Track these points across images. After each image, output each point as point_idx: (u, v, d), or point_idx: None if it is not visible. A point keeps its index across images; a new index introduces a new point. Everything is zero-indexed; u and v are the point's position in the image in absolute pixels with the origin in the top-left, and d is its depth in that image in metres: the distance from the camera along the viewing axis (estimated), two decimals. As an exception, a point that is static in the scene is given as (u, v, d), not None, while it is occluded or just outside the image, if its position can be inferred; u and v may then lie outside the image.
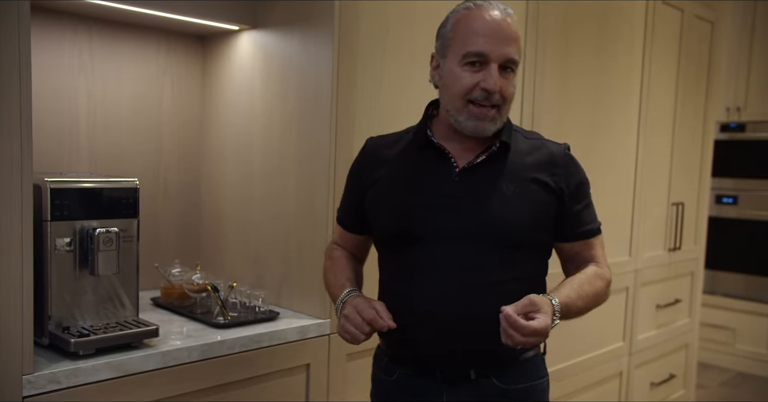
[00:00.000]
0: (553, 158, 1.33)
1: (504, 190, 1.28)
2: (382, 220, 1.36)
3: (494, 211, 1.27)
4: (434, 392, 1.32)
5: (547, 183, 1.31)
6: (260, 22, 1.90)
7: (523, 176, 1.30)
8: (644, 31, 2.79)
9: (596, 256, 1.40)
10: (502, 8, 1.28)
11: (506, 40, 1.24)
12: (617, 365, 2.87)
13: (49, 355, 1.37)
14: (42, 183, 1.38)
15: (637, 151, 2.84)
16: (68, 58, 1.82)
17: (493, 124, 1.28)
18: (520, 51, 1.29)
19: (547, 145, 1.36)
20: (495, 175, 1.29)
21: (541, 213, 1.31)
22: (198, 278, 1.77)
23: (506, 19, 1.27)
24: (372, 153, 1.42)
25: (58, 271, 1.40)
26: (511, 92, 1.28)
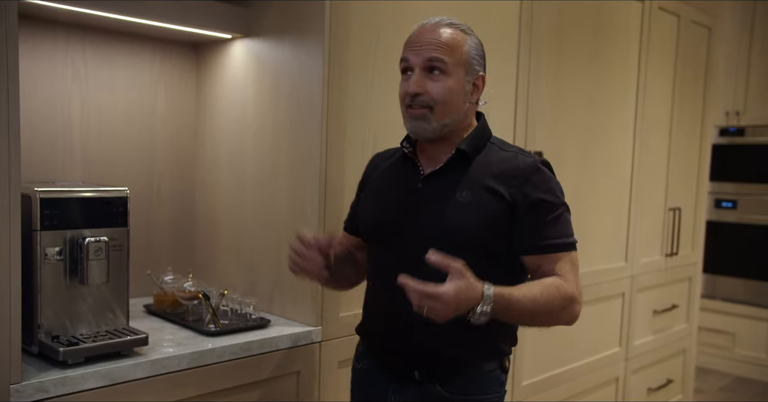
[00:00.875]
0: (516, 170, 1.34)
1: (456, 197, 1.33)
2: (361, 225, 1.51)
3: (443, 217, 1.33)
4: (384, 388, 1.42)
5: (500, 192, 1.32)
6: (253, 31, 1.91)
7: (478, 184, 1.34)
8: (640, 36, 2.80)
9: (560, 271, 1.31)
10: (438, 21, 1.35)
11: (428, 43, 1.32)
12: (613, 371, 2.87)
13: (38, 364, 1.37)
14: (32, 193, 1.39)
15: (633, 156, 2.84)
16: (62, 66, 1.83)
17: (427, 123, 1.33)
18: (457, 55, 1.32)
19: (519, 157, 1.37)
20: (453, 182, 1.36)
21: (490, 220, 1.31)
22: (190, 286, 1.77)
23: (436, 27, 1.34)
24: (373, 165, 1.57)
25: (48, 280, 1.41)
26: (437, 92, 1.32)
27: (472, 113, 1.42)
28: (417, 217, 1.36)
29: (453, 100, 1.33)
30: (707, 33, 3.27)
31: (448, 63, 1.31)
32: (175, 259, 2.06)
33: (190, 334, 1.65)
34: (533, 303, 1.24)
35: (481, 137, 1.41)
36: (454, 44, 1.32)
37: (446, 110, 1.33)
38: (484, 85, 1.40)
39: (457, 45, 1.33)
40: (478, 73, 1.37)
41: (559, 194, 1.37)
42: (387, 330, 1.41)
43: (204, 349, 1.53)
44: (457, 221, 1.32)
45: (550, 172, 1.38)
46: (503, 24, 2.19)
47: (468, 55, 1.34)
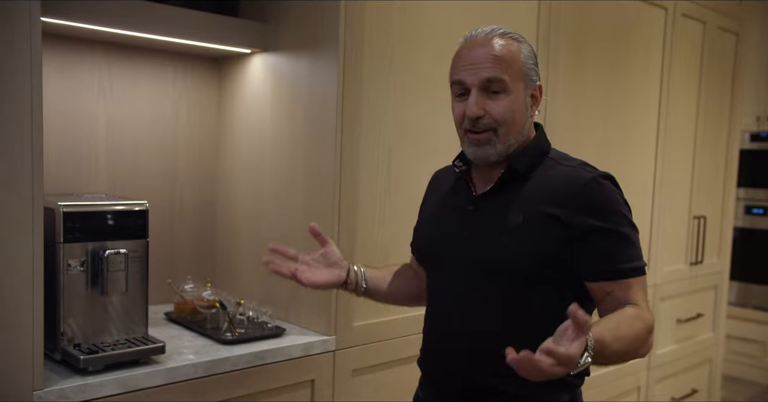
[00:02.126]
0: (574, 187, 1.22)
1: (507, 221, 1.24)
2: (415, 243, 1.46)
3: (493, 243, 1.25)
4: None
5: (555, 214, 1.21)
6: (271, 45, 1.96)
7: (534, 206, 1.23)
8: (663, 44, 2.78)
9: (633, 299, 1.20)
10: (490, 31, 1.26)
11: (482, 62, 1.23)
12: (635, 380, 2.85)
13: (61, 371, 1.43)
14: (55, 206, 1.45)
15: (655, 165, 2.82)
16: (88, 82, 1.90)
17: (492, 148, 1.25)
18: (514, 69, 1.24)
19: (577, 172, 1.24)
20: (504, 204, 1.26)
21: (542, 246, 1.21)
22: (208, 294, 1.83)
23: (486, 43, 1.24)
24: (431, 184, 1.53)
25: (70, 290, 1.47)
26: (500, 112, 1.23)
27: (531, 126, 1.32)
28: (468, 241, 1.28)
29: (517, 117, 1.25)
30: (734, 39, 3.22)
31: (508, 81, 1.22)
32: (196, 268, 2.12)
33: (207, 342, 1.70)
34: (621, 343, 1.11)
35: (536, 152, 1.29)
36: (510, 57, 1.23)
37: (510, 130, 1.25)
38: (541, 95, 1.30)
39: (513, 58, 1.23)
40: (536, 84, 1.28)
41: (625, 212, 1.24)
42: (441, 359, 1.32)
43: (219, 357, 1.58)
44: (509, 246, 1.23)
45: (614, 186, 1.25)
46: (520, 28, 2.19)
47: (525, 66, 1.25)
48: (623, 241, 1.22)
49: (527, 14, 2.21)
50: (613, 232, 1.21)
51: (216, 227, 2.18)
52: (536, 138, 1.32)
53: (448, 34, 1.98)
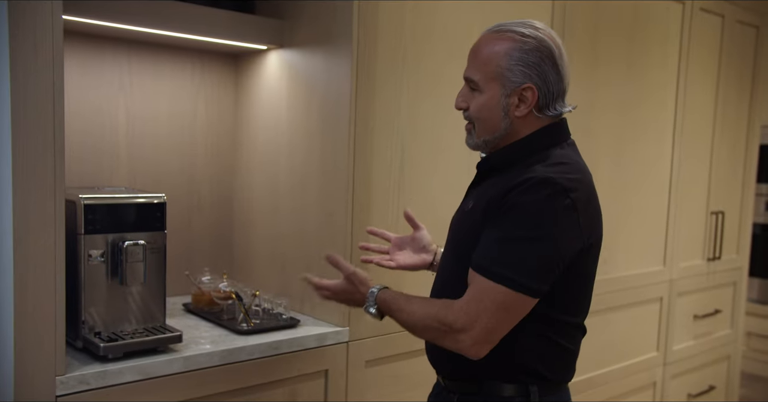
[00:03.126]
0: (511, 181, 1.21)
1: (466, 210, 1.34)
2: None
3: (455, 226, 1.39)
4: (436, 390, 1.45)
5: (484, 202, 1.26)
6: (287, 42, 1.99)
7: (485, 196, 1.27)
8: (680, 38, 2.76)
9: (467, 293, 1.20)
10: (492, 28, 1.29)
11: (470, 59, 1.31)
12: (651, 375, 2.85)
13: (82, 358, 1.48)
14: (76, 199, 1.50)
15: (672, 160, 2.81)
16: (109, 78, 1.95)
17: (470, 138, 1.34)
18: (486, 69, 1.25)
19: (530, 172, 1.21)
20: (474, 193, 1.36)
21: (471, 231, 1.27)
22: (224, 286, 1.87)
23: (480, 40, 1.30)
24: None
25: (91, 280, 1.52)
26: (473, 109, 1.30)
27: (524, 127, 1.28)
28: (451, 226, 1.42)
29: (489, 117, 1.28)
30: (755, 32, 3.19)
31: (478, 80, 1.27)
32: (213, 261, 2.17)
33: (224, 332, 1.74)
34: (410, 317, 1.27)
35: (517, 151, 1.28)
36: (487, 58, 1.25)
37: (483, 127, 1.30)
38: (535, 97, 1.25)
39: (490, 58, 1.25)
40: (521, 85, 1.24)
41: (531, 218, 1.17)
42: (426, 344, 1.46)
43: (235, 347, 1.62)
44: (453, 231, 1.39)
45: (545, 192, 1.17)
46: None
47: (501, 67, 1.24)
48: (504, 241, 1.18)
49: (541, 11, 2.22)
50: (502, 229, 1.19)
51: (233, 221, 2.23)
52: (528, 137, 1.28)
53: (461, 31, 2.00)
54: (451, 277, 1.34)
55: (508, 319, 1.19)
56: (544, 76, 1.25)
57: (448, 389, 1.38)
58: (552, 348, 1.28)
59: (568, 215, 1.18)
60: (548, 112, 1.28)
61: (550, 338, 1.27)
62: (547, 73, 1.25)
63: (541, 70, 1.25)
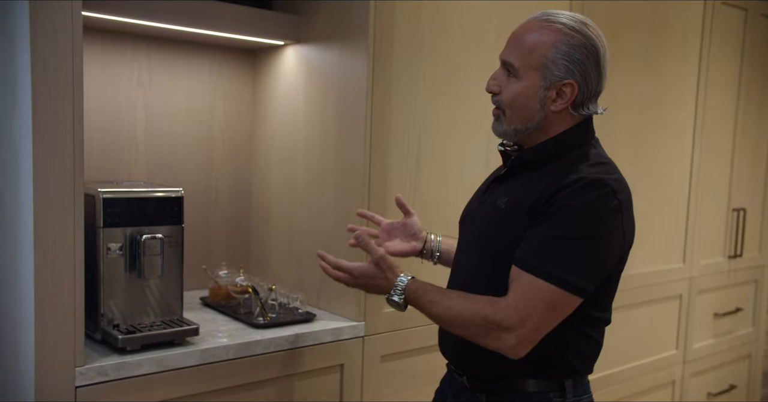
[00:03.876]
0: (555, 183, 1.19)
1: (497, 204, 1.29)
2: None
3: (482, 223, 1.33)
4: (447, 388, 1.43)
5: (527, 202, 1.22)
6: (303, 37, 1.99)
7: (521, 193, 1.24)
8: (701, 33, 2.73)
9: (511, 291, 1.18)
10: (540, 14, 1.26)
11: (511, 43, 1.27)
12: (670, 374, 2.83)
13: (101, 350, 1.50)
14: (95, 193, 1.52)
15: (692, 157, 2.78)
16: (128, 74, 1.97)
17: (499, 124, 1.29)
18: (529, 58, 1.22)
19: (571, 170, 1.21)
20: (504, 189, 1.32)
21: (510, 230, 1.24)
22: (241, 280, 1.88)
23: (526, 25, 1.26)
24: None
25: (110, 273, 1.54)
26: (506, 95, 1.25)
27: (557, 122, 1.26)
28: (471, 222, 1.38)
29: (523, 106, 1.24)
30: (779, 26, 3.14)
31: (518, 67, 1.23)
32: (230, 256, 2.18)
33: (240, 326, 1.75)
34: (448, 311, 1.22)
35: (553, 147, 1.26)
36: (532, 46, 1.22)
37: (515, 115, 1.26)
38: (574, 94, 1.23)
39: (536, 46, 1.21)
40: (563, 80, 1.22)
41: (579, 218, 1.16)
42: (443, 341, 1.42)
43: (251, 340, 1.63)
44: (486, 227, 1.31)
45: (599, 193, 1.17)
46: (552, 25, 2.20)
47: (546, 58, 1.21)
48: (553, 240, 1.16)
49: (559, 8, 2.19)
50: (551, 228, 1.17)
51: (250, 216, 2.24)
52: (563, 135, 1.27)
53: (478, 26, 1.99)
54: (476, 273, 1.32)
55: (554, 319, 1.18)
56: (586, 75, 1.23)
57: (474, 389, 1.33)
58: (587, 343, 1.29)
59: (615, 217, 1.19)
60: (582, 111, 1.27)
61: (586, 334, 1.28)
62: (590, 72, 1.23)
63: (584, 68, 1.23)
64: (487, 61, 2.00)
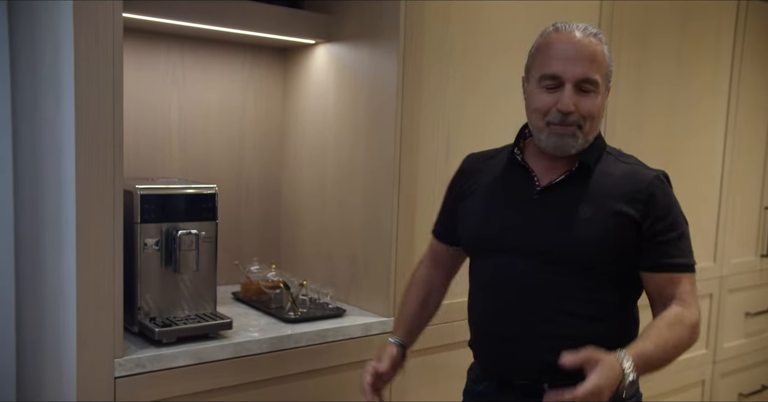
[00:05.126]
0: (639, 185, 1.29)
1: (579, 212, 1.29)
2: (466, 231, 1.44)
3: (564, 232, 1.29)
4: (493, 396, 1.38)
5: (623, 209, 1.28)
6: (334, 36, 2.02)
7: (602, 201, 1.29)
8: (734, 32, 2.69)
9: (681, 294, 1.28)
10: (584, 28, 1.29)
11: (580, 60, 1.25)
12: (700, 373, 2.80)
13: (138, 342, 1.55)
14: (133, 189, 1.56)
15: (723, 156, 2.75)
16: (163, 74, 2.02)
17: (575, 141, 1.29)
18: (603, 70, 1.28)
19: (638, 170, 1.33)
20: (574, 196, 1.31)
21: (612, 238, 1.27)
22: (272, 276, 1.92)
23: (584, 40, 1.27)
24: (469, 167, 1.50)
25: (146, 268, 1.59)
26: (589, 110, 1.27)
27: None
28: (533, 230, 1.32)
29: (600, 116, 1.31)
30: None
31: (599, 82, 1.27)
32: (261, 251, 2.22)
33: (272, 321, 1.79)
34: (665, 349, 1.21)
35: (598, 148, 1.35)
36: (602, 59, 1.28)
37: (593, 127, 1.31)
38: (608, 95, 1.35)
39: (603, 60, 1.28)
40: (610, 84, 1.34)
41: (680, 209, 1.33)
42: (505, 348, 1.35)
43: (283, 334, 1.67)
44: (578, 237, 1.28)
45: (669, 184, 1.34)
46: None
47: (608, 68, 1.31)
48: (681, 237, 1.30)
49: (589, 10, 2.19)
50: (673, 229, 1.29)
51: (280, 213, 2.28)
52: (598, 135, 1.37)
53: (507, 26, 1.99)
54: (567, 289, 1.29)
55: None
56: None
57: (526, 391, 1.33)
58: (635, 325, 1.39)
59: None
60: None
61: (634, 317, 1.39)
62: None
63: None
64: (515, 60, 2.00)
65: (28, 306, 1.75)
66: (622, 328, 1.35)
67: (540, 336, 1.31)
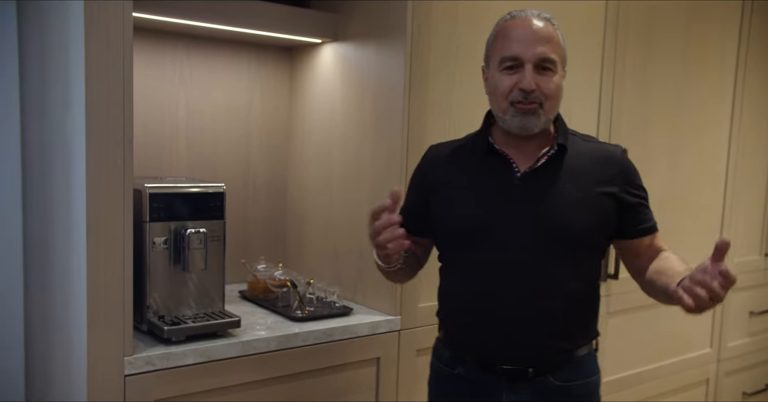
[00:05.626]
0: (610, 163, 1.40)
1: (566, 195, 1.35)
2: (448, 223, 1.44)
3: (556, 215, 1.34)
4: (495, 390, 1.41)
5: (609, 190, 1.37)
6: (341, 35, 2.02)
7: (584, 181, 1.37)
8: (739, 32, 2.70)
9: (663, 246, 1.48)
10: (537, 14, 1.36)
11: (538, 41, 1.32)
12: (704, 372, 2.81)
13: (147, 340, 1.55)
14: (142, 188, 1.57)
15: (728, 155, 2.75)
16: (170, 73, 2.02)
17: (537, 119, 1.34)
18: (559, 52, 1.35)
19: (604, 148, 1.45)
20: (556, 178, 1.37)
21: (602, 218, 1.38)
22: (279, 274, 1.92)
23: (540, 23, 1.34)
24: (434, 159, 1.51)
25: (155, 266, 1.59)
26: (550, 88, 1.33)
27: None
28: (520, 215, 1.35)
29: (559, 95, 1.37)
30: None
31: (557, 60, 1.33)
32: (268, 250, 2.23)
33: (279, 319, 1.79)
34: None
35: (565, 129, 1.43)
36: (557, 42, 1.35)
37: (553, 106, 1.36)
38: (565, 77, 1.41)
39: (558, 43, 1.35)
40: (566, 67, 1.39)
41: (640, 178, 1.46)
42: (494, 333, 1.38)
43: (290, 333, 1.67)
44: (568, 217, 1.34)
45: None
46: (587, 24, 2.20)
47: (564, 52, 1.37)
48: (646, 202, 1.45)
49: (595, 10, 2.20)
50: (643, 197, 1.44)
51: (287, 212, 2.28)
52: (558, 117, 1.44)
53: (514, 22, 1.99)
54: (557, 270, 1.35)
55: None
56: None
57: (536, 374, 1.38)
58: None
59: None
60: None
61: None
62: None
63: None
64: (523, 58, 2.01)
65: (37, 305, 1.76)
66: (596, 307, 1.48)
67: (529, 319, 1.36)
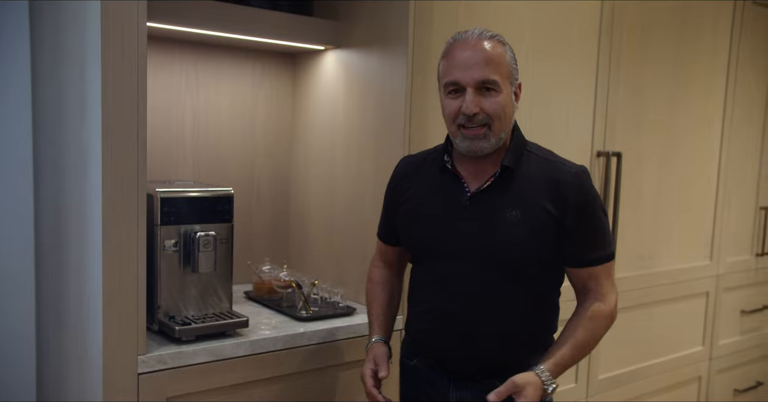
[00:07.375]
0: (557, 184, 1.38)
1: (509, 216, 1.39)
2: (405, 236, 1.57)
3: (495, 236, 1.39)
4: (443, 385, 1.51)
5: (547, 207, 1.38)
6: (343, 42, 2.07)
7: (529, 201, 1.38)
8: (730, 33, 2.76)
9: (599, 287, 1.43)
10: (480, 33, 1.38)
11: (476, 64, 1.34)
12: (696, 369, 2.87)
13: (158, 340, 1.61)
14: (154, 192, 1.62)
15: (719, 156, 2.82)
16: (177, 79, 2.07)
17: (487, 142, 1.38)
18: (502, 70, 1.36)
19: (558, 168, 1.41)
20: (500, 200, 1.40)
21: (540, 237, 1.38)
22: (285, 275, 1.97)
23: (479, 45, 1.36)
24: (402, 172, 1.60)
25: (166, 268, 1.64)
26: (493, 109, 1.35)
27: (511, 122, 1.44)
28: (467, 235, 1.42)
29: (507, 113, 1.37)
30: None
31: (498, 81, 1.34)
32: (273, 251, 2.28)
33: (284, 319, 1.85)
34: (581, 348, 1.40)
35: (518, 147, 1.44)
36: (499, 60, 1.35)
37: (501, 125, 1.37)
38: (521, 92, 1.44)
39: (502, 59, 1.36)
40: (517, 82, 1.41)
41: (600, 202, 1.42)
42: (448, 340, 1.47)
43: (296, 332, 1.73)
44: (508, 240, 1.38)
45: (589, 179, 1.42)
46: (583, 26, 2.26)
47: (510, 66, 1.38)
48: (597, 230, 1.41)
49: (589, 10, 2.26)
50: (590, 222, 1.40)
51: (290, 214, 2.34)
52: (515, 133, 1.45)
53: (512, 30, 2.05)
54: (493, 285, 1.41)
55: None
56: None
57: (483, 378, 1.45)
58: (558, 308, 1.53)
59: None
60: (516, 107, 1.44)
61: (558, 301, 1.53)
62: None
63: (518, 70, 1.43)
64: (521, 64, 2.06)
65: (50, 306, 1.81)
66: (551, 318, 1.50)
67: (481, 335, 1.43)
